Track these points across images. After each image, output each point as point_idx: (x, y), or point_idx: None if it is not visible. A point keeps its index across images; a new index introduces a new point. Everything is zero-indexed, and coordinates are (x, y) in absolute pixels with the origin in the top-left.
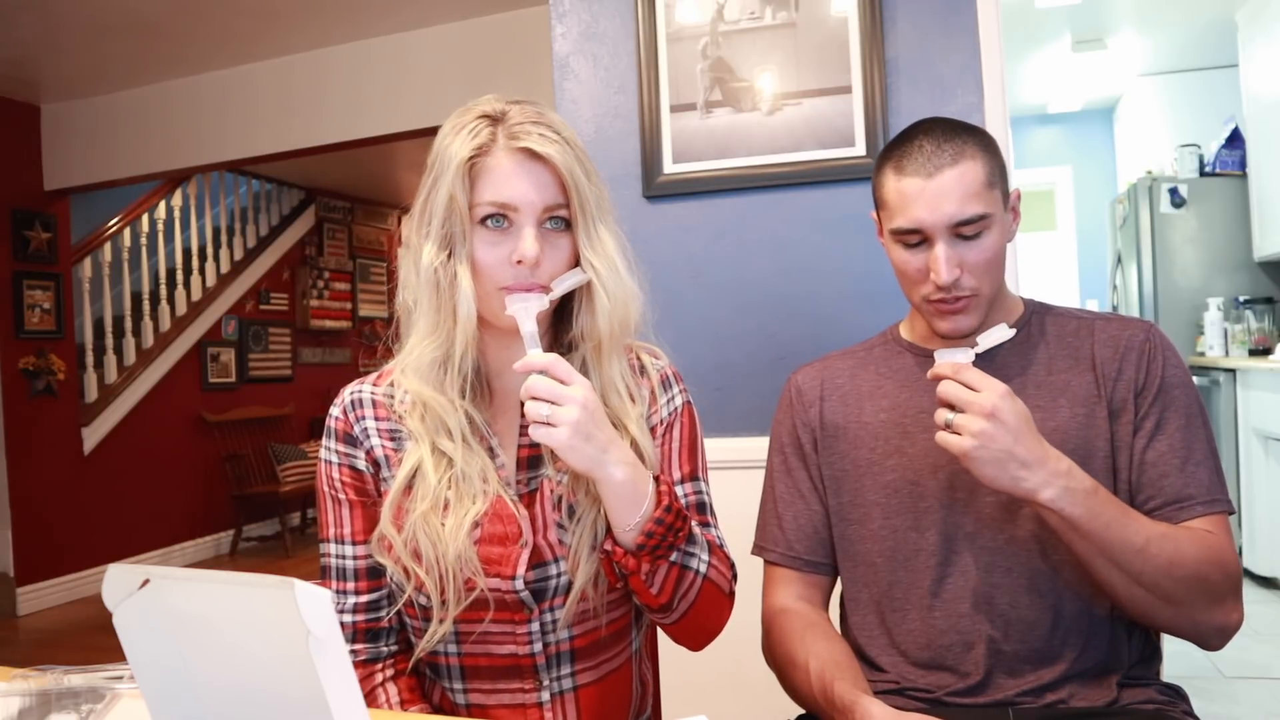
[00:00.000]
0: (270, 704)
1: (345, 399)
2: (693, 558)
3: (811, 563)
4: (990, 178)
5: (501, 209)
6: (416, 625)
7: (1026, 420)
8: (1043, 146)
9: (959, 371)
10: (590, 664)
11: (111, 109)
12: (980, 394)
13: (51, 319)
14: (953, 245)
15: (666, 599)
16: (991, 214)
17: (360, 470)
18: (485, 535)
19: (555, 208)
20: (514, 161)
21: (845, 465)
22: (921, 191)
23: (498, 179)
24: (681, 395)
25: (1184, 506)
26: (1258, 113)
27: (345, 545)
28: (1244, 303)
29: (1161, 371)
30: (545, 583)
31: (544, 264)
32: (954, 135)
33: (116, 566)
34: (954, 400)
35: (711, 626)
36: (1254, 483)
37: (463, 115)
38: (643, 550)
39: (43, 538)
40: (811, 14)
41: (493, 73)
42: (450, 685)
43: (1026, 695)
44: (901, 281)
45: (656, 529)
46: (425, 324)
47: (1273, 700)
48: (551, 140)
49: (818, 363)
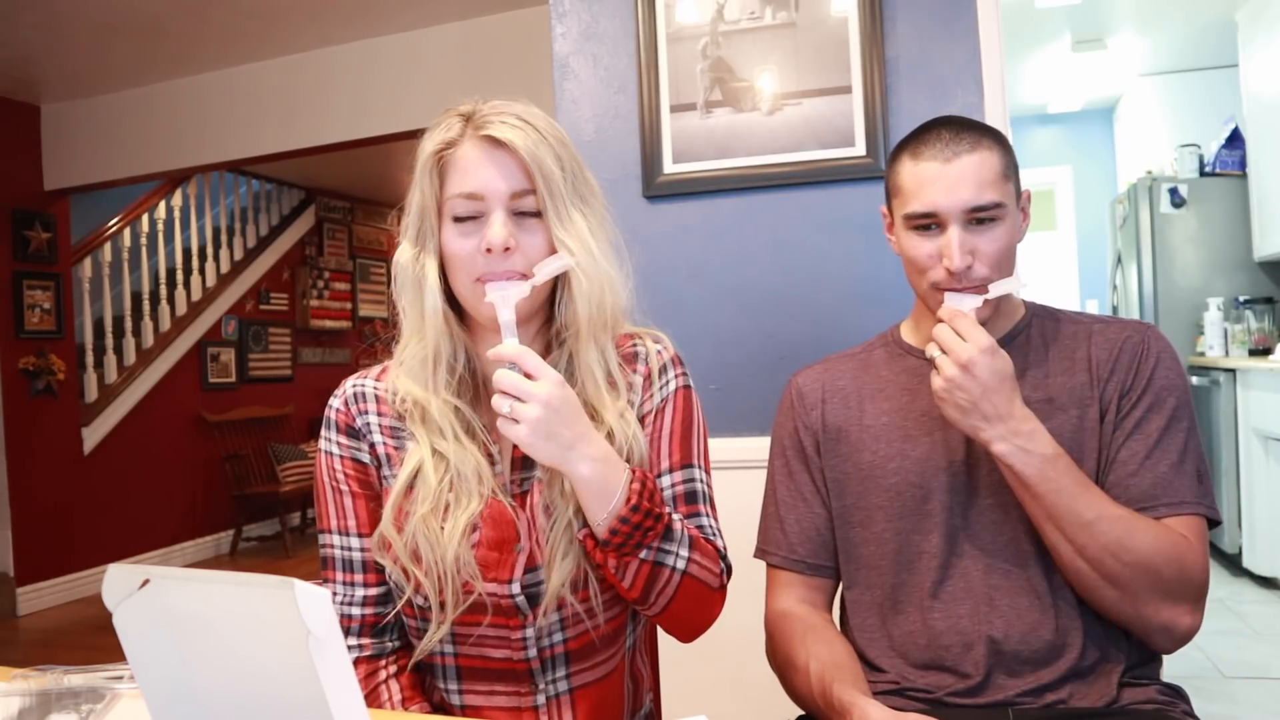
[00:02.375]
0: (270, 704)
1: (347, 391)
2: (668, 555)
3: (814, 565)
4: (1005, 170)
5: (469, 198)
6: (414, 625)
7: (1001, 377)
8: (1043, 146)
9: (955, 318)
10: (585, 665)
11: (112, 109)
12: (963, 344)
13: (51, 319)
14: (966, 231)
15: (638, 594)
16: (1006, 205)
17: (364, 463)
18: (483, 539)
19: (522, 194)
20: (479, 150)
21: (847, 468)
22: (939, 175)
23: (463, 169)
24: (678, 379)
25: (1148, 507)
26: (1258, 113)
27: (351, 537)
28: (1244, 303)
29: (1151, 373)
30: (538, 588)
31: (518, 252)
32: (972, 127)
33: (116, 566)
34: (941, 343)
35: (698, 621)
36: (1254, 483)
37: (442, 116)
38: (608, 547)
39: (43, 538)
40: (811, 14)
41: (493, 73)
42: (446, 686)
43: (1026, 695)
44: (909, 271)
45: (621, 527)
46: (410, 323)
47: (1273, 700)
48: (514, 127)
49: (818, 365)
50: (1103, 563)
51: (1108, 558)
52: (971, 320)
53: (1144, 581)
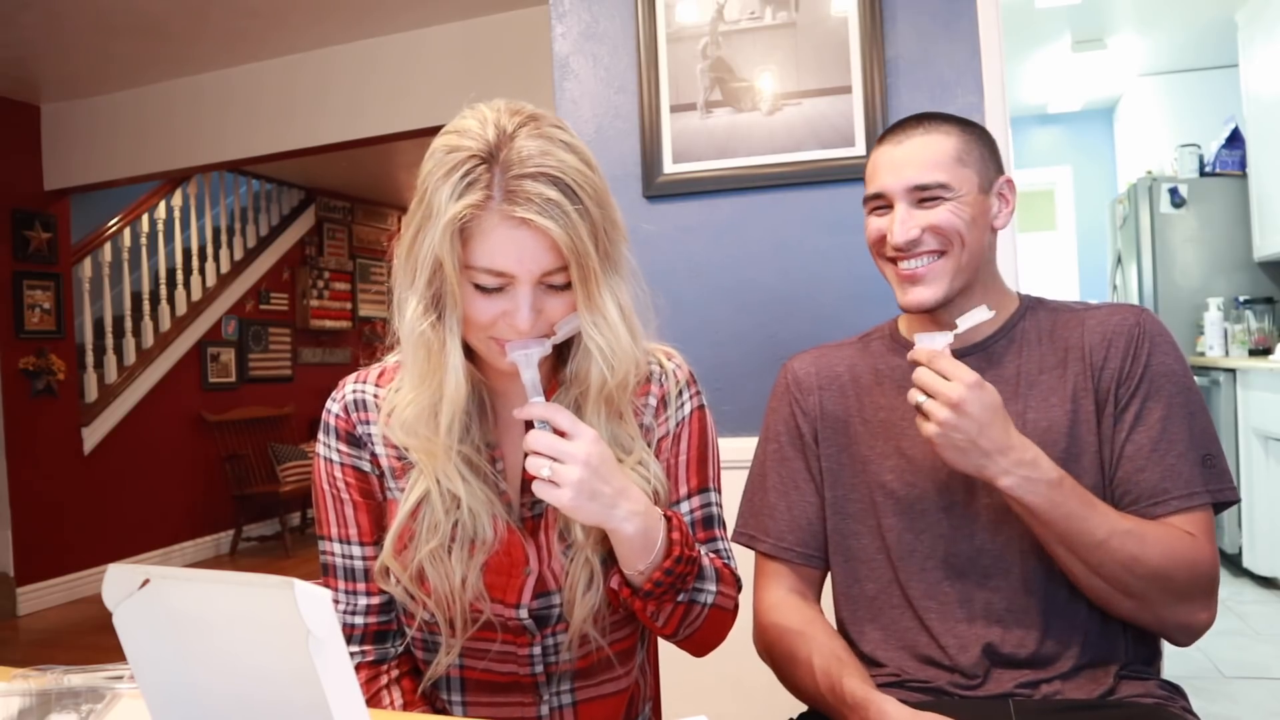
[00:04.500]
0: (270, 704)
1: (346, 397)
2: (700, 593)
3: (803, 555)
4: (960, 154)
5: (496, 275)
6: (420, 638)
7: (993, 410)
8: (1043, 146)
9: (934, 359)
10: (591, 682)
11: (112, 109)
12: (949, 384)
13: (51, 319)
14: (912, 208)
15: (671, 630)
16: (953, 186)
17: (365, 471)
18: (490, 564)
19: (554, 272)
20: (509, 229)
21: (844, 459)
22: (889, 157)
23: (491, 245)
24: (692, 401)
25: (1159, 502)
26: (1258, 113)
27: (352, 545)
28: (1244, 303)
29: (1148, 359)
30: (549, 610)
31: (542, 318)
32: (938, 116)
33: (116, 566)
34: (925, 387)
35: (715, 640)
36: (1254, 483)
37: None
38: (650, 596)
39: (43, 538)
40: (811, 14)
41: (493, 73)
42: (449, 698)
43: (1025, 687)
44: (873, 255)
45: (665, 579)
46: (413, 377)
47: (1273, 700)
48: (549, 207)
49: (813, 351)
50: (1118, 578)
51: (1122, 573)
52: (950, 358)
53: (1159, 589)
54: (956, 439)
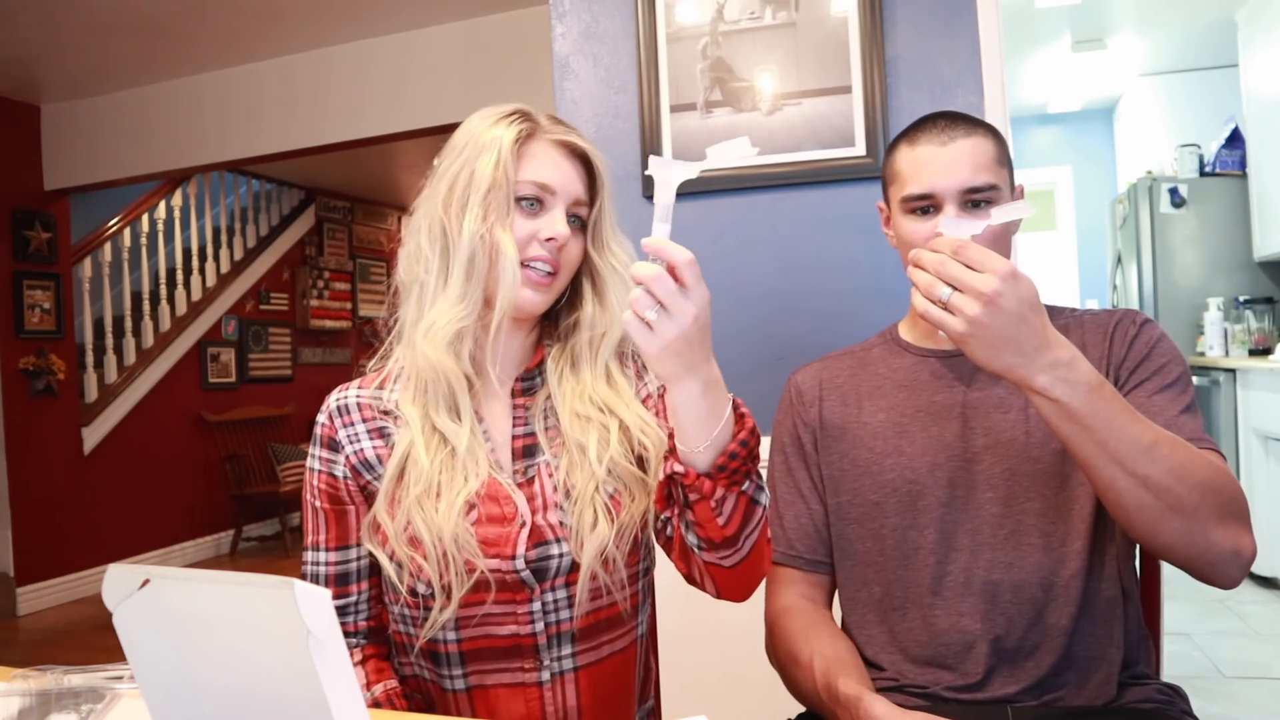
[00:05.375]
0: (270, 704)
1: (331, 405)
2: (761, 492)
3: (813, 561)
4: (999, 158)
5: (541, 189)
6: (415, 615)
7: (1030, 304)
8: (1043, 146)
9: (961, 249)
10: (591, 644)
11: (112, 109)
12: (981, 275)
13: (51, 319)
14: (960, 211)
15: (734, 530)
16: (1001, 188)
17: (336, 476)
18: (482, 517)
19: (581, 203)
20: (556, 151)
21: (844, 465)
22: (936, 157)
23: (540, 162)
24: None
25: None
26: (1258, 113)
27: (320, 552)
28: (1244, 303)
29: (1149, 350)
30: (546, 562)
31: (563, 254)
32: (966, 118)
33: (116, 566)
34: (953, 280)
35: (762, 572)
36: (1254, 483)
37: (494, 111)
38: (721, 472)
39: (43, 538)
40: (811, 14)
41: (493, 73)
42: (450, 673)
43: (1025, 693)
44: (905, 257)
45: (740, 450)
46: (454, 292)
47: (1273, 700)
48: (587, 143)
49: (817, 363)
50: (1169, 489)
51: (1173, 482)
52: (979, 247)
53: (1211, 504)
54: (989, 336)
